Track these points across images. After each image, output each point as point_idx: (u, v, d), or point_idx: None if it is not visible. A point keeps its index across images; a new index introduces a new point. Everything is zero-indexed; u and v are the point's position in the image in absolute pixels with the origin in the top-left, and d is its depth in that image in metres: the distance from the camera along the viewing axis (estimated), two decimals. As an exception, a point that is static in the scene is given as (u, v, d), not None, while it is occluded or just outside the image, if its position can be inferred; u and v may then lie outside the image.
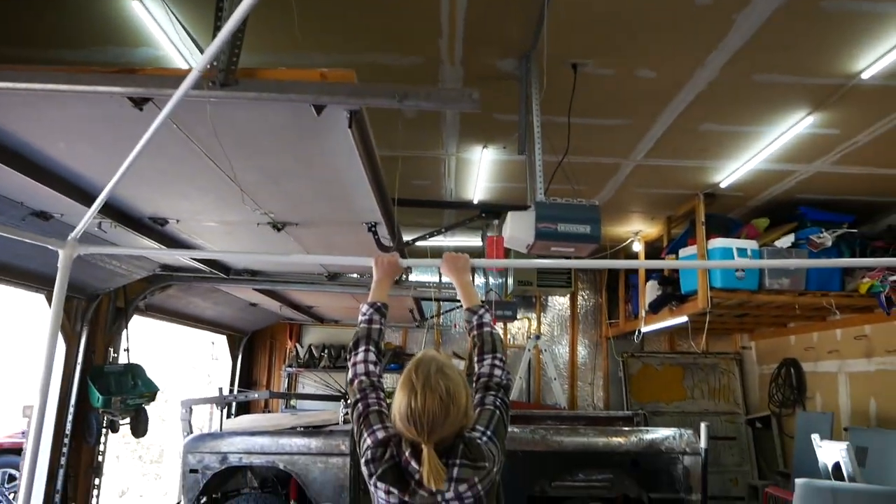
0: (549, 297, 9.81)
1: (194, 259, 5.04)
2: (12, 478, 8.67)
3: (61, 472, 5.49)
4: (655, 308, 7.26)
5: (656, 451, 5.57)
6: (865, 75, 3.96)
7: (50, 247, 2.60)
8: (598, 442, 5.69)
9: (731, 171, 5.78)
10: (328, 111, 2.27)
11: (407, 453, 1.96)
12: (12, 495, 8.54)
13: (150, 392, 6.08)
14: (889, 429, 6.27)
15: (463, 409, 2.01)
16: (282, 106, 2.31)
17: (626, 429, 5.96)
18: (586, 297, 9.86)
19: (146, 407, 6.11)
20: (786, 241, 6.33)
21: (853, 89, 4.17)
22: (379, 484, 1.97)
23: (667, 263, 7.17)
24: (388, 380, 9.23)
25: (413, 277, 6.75)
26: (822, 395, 7.69)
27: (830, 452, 4.44)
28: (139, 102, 2.28)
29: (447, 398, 1.97)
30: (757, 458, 8.85)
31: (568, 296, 9.71)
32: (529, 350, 9.07)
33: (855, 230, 6.41)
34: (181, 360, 11.23)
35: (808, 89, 4.24)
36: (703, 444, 4.57)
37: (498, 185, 6.24)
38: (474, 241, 7.72)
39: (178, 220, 4.04)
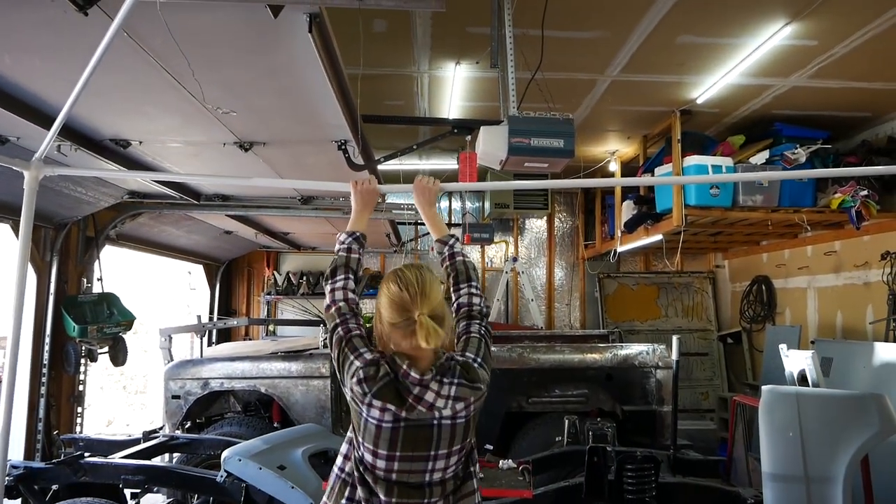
0: (527, 220, 9.83)
1: (158, 182, 4.90)
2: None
3: (42, 401, 5.52)
4: (631, 227, 7.31)
5: (630, 366, 5.72)
6: (845, -20, 3.87)
7: (14, 167, 2.50)
8: (574, 359, 5.82)
9: (707, 87, 5.70)
10: (286, 14, 2.16)
11: (405, 365, 1.95)
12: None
13: (127, 320, 6.05)
14: (853, 340, 6.49)
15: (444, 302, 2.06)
16: (236, 9, 2.18)
17: (601, 345, 6.09)
18: (563, 219, 9.89)
19: (124, 336, 6.10)
20: (760, 158, 6.33)
21: (833, -6, 4.07)
22: (375, 402, 1.93)
23: (641, 180, 7.18)
24: (367, 306, 9.29)
25: (389, 200, 6.68)
26: (791, 311, 7.91)
27: (796, 361, 4.59)
28: (83, 6, 2.14)
29: (430, 285, 2.04)
30: (727, 372, 9.17)
31: (545, 218, 9.75)
32: (507, 272, 9.16)
33: (830, 146, 6.42)
34: (159, 291, 11.19)
35: (788, -4, 4.13)
36: (675, 356, 4.69)
37: (473, 105, 6.11)
38: (449, 163, 7.63)
39: (140, 142, 3.90)
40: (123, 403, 12.29)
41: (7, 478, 3.98)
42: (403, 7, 2.85)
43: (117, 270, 6.73)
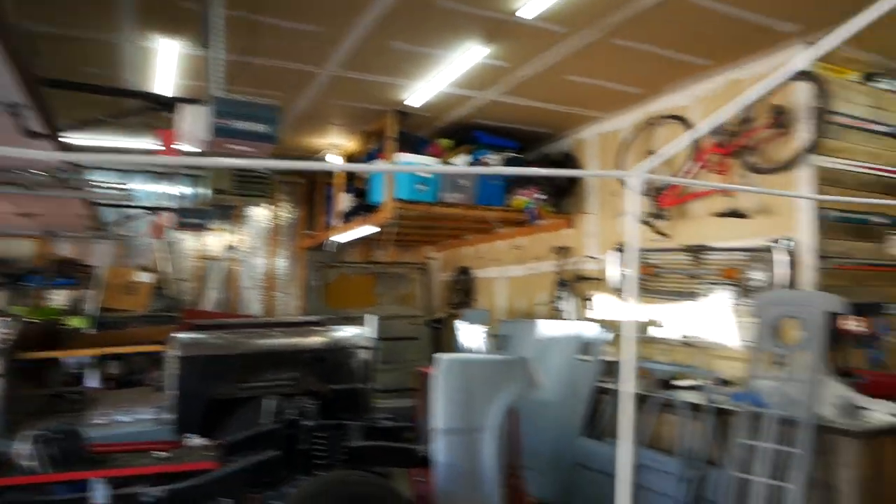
0: (250, 210, 9.64)
1: None
2: None
3: None
4: (348, 218, 7.64)
5: (339, 348, 6.00)
6: (522, 13, 4.49)
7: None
8: (285, 343, 5.93)
9: (419, 92, 6.21)
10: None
11: None
12: None
13: None
14: (530, 319, 7.63)
15: None
16: None
17: (311, 329, 6.29)
18: (286, 209, 9.92)
19: None
20: (463, 161, 7.10)
21: (516, 25, 4.69)
22: None
23: (355, 166, 7.57)
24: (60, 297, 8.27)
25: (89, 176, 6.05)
26: (487, 297, 9.00)
27: (472, 337, 5.33)
28: None
29: None
30: (433, 353, 10.05)
31: (267, 208, 9.67)
32: (225, 261, 8.89)
33: (521, 155, 7.44)
34: None
35: (481, 21, 4.67)
36: (371, 333, 5.07)
37: (188, 84, 5.83)
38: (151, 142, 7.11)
39: None
40: None
41: None
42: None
43: None
